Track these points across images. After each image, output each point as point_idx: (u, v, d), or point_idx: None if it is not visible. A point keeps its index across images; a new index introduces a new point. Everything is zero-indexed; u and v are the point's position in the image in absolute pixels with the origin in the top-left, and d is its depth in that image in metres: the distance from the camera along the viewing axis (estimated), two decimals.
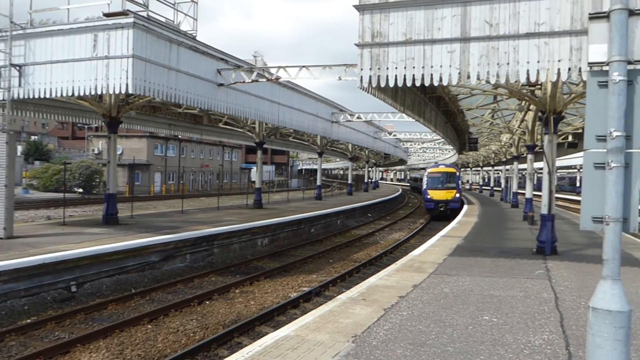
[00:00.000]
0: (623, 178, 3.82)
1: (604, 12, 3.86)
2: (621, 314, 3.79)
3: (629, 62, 3.82)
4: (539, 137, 24.14)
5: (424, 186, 35.94)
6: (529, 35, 10.36)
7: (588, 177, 3.98)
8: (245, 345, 7.10)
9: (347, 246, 22.09)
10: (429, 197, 35.05)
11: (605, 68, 3.88)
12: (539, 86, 14.98)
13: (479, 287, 9.79)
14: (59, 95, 14.28)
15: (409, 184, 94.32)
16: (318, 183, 42.13)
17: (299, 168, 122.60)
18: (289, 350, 6.16)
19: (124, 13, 13.52)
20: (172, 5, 15.61)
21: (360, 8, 11.20)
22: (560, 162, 52.34)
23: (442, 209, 34.12)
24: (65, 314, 10.75)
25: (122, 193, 44.73)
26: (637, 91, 3.86)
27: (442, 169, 37.22)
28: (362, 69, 11.28)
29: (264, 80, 18.27)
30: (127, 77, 13.24)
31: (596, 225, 3.98)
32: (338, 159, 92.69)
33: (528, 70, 10.37)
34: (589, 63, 3.94)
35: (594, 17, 3.94)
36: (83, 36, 13.72)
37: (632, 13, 3.84)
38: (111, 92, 13.64)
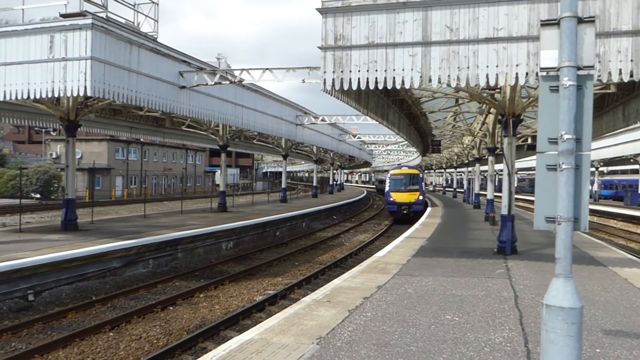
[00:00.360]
0: (574, 179, 3.95)
1: (555, 19, 3.99)
2: (573, 311, 3.92)
3: (579, 68, 3.96)
4: (499, 139, 24.71)
5: (386, 188, 35.17)
6: (488, 40, 10.63)
7: (541, 179, 4.11)
8: (210, 350, 7.02)
9: (313, 248, 22.12)
10: (391, 199, 34.36)
11: (556, 73, 4.02)
12: (499, 90, 15.35)
13: (442, 287, 9.95)
14: (13, 98, 13.82)
15: (374, 186, 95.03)
16: (283, 186, 42.07)
17: (264, 171, 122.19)
18: (253, 353, 6.13)
19: (81, 14, 13.24)
20: (132, 7, 15.36)
21: (323, 11, 11.27)
22: (521, 164, 53.72)
23: (405, 211, 33.43)
24: (22, 324, 10.42)
25: (81, 198, 43.66)
26: (586, 95, 4.01)
27: (405, 170, 36.46)
28: (325, 72, 11.36)
29: (227, 82, 18.17)
30: (85, 80, 12.94)
31: (549, 225, 4.11)
32: (303, 162, 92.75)
33: (487, 74, 10.64)
34: (540, 68, 4.07)
35: (545, 23, 4.08)
36: (39, 37, 13.34)
37: (581, 21, 3.99)
38: (69, 94, 13.31)
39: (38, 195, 44.33)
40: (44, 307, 11.87)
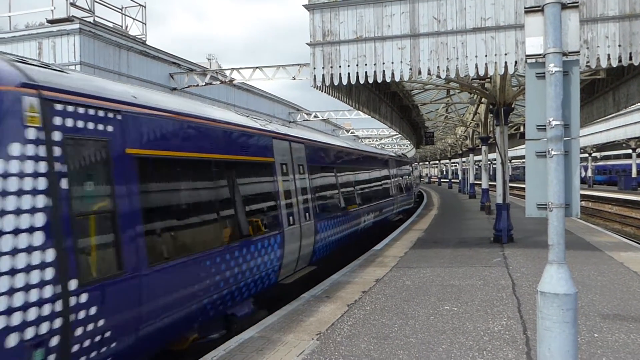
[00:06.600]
0: (563, 165, 3.97)
1: (538, 6, 4.00)
2: (567, 297, 3.94)
3: (564, 54, 3.97)
4: (491, 129, 24.75)
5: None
6: (475, 30, 10.63)
7: (531, 166, 4.12)
8: (210, 350, 7.02)
9: None
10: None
11: (542, 60, 4.03)
12: (489, 79, 15.38)
13: (440, 277, 9.98)
14: None
15: None
16: None
17: None
18: (254, 352, 6.14)
19: (69, 19, 13.18)
20: (120, 10, 15.30)
21: (310, 7, 11.25)
22: (514, 152, 53.91)
23: None
24: None
25: None
26: (572, 81, 4.02)
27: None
28: (314, 68, 11.34)
29: (218, 82, 18.13)
30: None
31: (540, 211, 4.13)
32: None
33: (477, 64, 10.64)
34: (526, 55, 4.08)
35: (529, 10, 4.08)
36: (27, 44, 13.28)
37: (564, 6, 4.00)
38: None
39: None
40: None
